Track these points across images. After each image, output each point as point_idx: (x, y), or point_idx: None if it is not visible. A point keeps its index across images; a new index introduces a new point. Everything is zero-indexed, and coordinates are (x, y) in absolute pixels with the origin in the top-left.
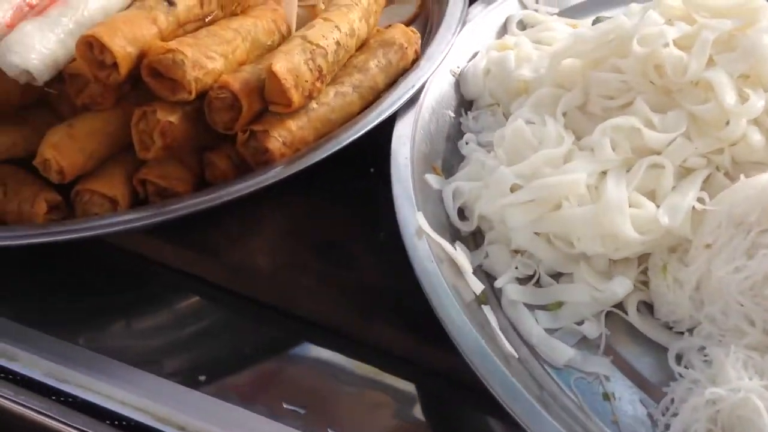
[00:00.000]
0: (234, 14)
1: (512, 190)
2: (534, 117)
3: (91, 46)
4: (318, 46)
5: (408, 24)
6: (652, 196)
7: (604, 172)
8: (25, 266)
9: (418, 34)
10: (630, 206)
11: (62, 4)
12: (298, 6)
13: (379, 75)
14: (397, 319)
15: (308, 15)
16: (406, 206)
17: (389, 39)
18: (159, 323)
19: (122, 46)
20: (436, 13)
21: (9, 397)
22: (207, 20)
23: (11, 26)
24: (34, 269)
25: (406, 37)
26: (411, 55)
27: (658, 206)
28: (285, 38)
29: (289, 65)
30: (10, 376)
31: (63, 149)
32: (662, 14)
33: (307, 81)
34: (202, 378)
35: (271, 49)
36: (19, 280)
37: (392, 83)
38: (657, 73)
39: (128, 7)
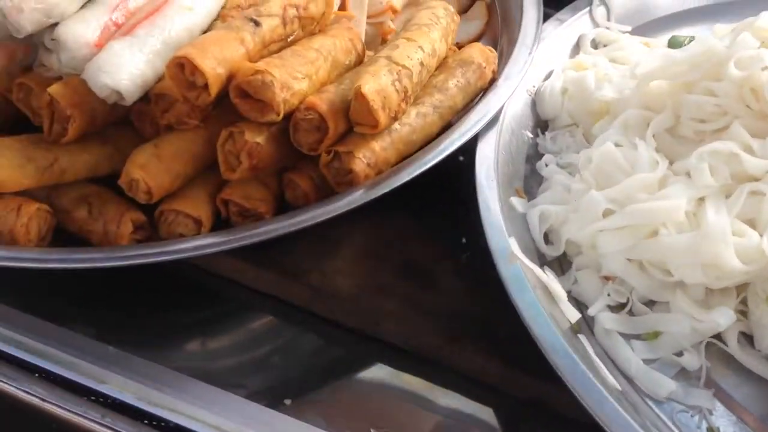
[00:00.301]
0: (312, 33)
1: (604, 215)
2: (622, 139)
3: (182, 66)
4: (404, 67)
5: (475, 41)
6: (751, 224)
7: (702, 199)
8: (106, 283)
9: (495, 54)
10: (732, 234)
11: (149, 24)
12: (366, 23)
13: (458, 95)
14: (485, 345)
15: (375, 32)
16: (495, 231)
17: (467, 58)
18: (238, 343)
19: (213, 67)
20: (505, 30)
21: (96, 419)
22: (289, 40)
23: (100, 45)
24: (114, 286)
25: (484, 56)
26: (489, 74)
27: (760, 235)
28: (360, 57)
29: (377, 87)
30: (101, 399)
31: (150, 169)
32: (755, 36)
33: (393, 102)
34: (288, 402)
35: (349, 68)
36: (100, 296)
37: (469, 102)
38: (754, 97)
39: (211, 25)
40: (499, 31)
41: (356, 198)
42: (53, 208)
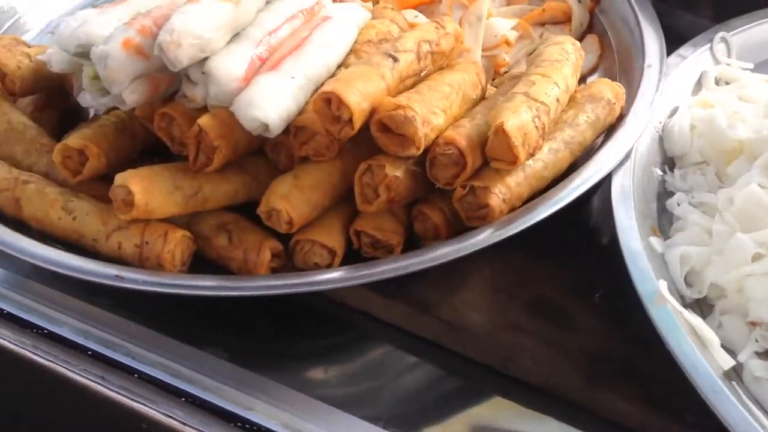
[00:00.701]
0: (441, 67)
1: (753, 259)
2: (765, 181)
3: (328, 101)
4: (542, 103)
5: (587, 75)
6: None
7: None
8: (239, 309)
9: (624, 90)
10: None
11: (293, 59)
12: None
13: (588, 130)
14: (627, 386)
15: (489, 64)
16: (641, 272)
17: (597, 94)
18: (361, 371)
19: (358, 102)
20: (623, 65)
21: None
22: (422, 74)
23: (246, 80)
24: (244, 312)
25: (614, 92)
26: (617, 110)
27: None
28: (484, 90)
29: (518, 123)
30: (247, 426)
31: (292, 200)
32: None
33: (533, 139)
34: None
35: (476, 102)
36: (231, 321)
37: (597, 138)
38: None
39: (345, 59)
40: (615, 66)
41: (491, 236)
42: (193, 234)
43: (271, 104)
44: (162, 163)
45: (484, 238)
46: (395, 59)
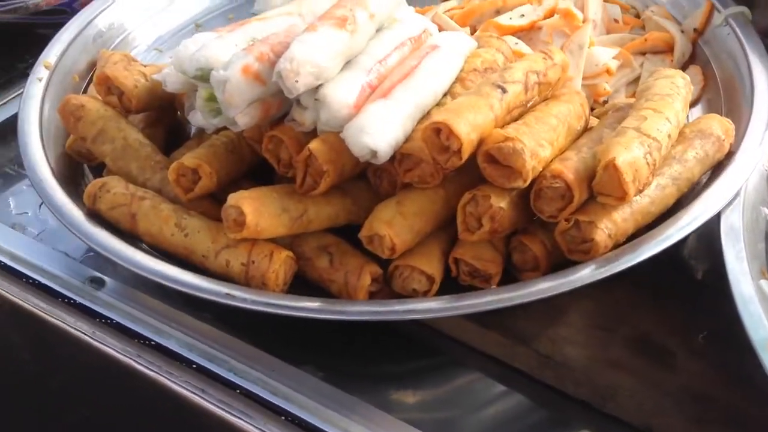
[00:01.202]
0: (546, 98)
1: None
2: None
3: (438, 131)
4: (654, 139)
5: (691, 106)
6: None
7: None
8: (334, 328)
9: (733, 126)
10: None
11: (403, 88)
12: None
13: (696, 167)
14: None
15: (589, 93)
16: (753, 319)
17: (706, 129)
18: (454, 398)
19: (468, 133)
20: (729, 99)
21: None
22: (528, 105)
23: (357, 107)
24: (342, 332)
25: (723, 128)
26: (727, 147)
27: None
28: (587, 121)
29: (630, 159)
30: None
31: (395, 227)
32: None
33: (643, 176)
34: None
35: (579, 133)
36: (324, 341)
37: (704, 174)
38: None
39: (451, 87)
40: (720, 99)
41: (595, 272)
42: (296, 254)
43: (381, 132)
44: (266, 183)
45: (588, 274)
46: (504, 90)
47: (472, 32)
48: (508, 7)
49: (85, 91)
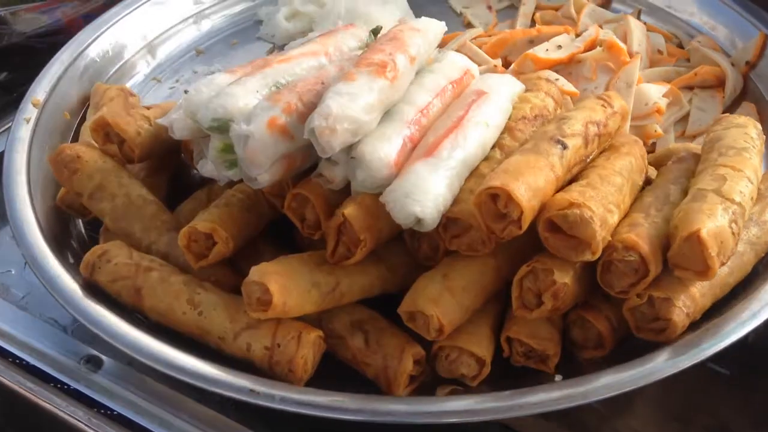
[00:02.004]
0: (604, 149)
1: None
2: None
3: (494, 196)
4: (738, 204)
5: None
6: None
7: None
8: None
9: None
10: None
11: (450, 143)
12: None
13: None
14: None
15: (639, 135)
16: None
17: None
18: None
19: (529, 199)
20: None
21: None
22: (588, 160)
23: (398, 165)
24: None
25: None
26: None
27: None
28: (647, 174)
29: (715, 230)
30: None
31: (443, 305)
32: None
33: (728, 248)
34: None
35: (640, 188)
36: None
37: None
38: None
39: (500, 138)
40: None
41: (673, 362)
42: (324, 331)
43: (428, 197)
44: (284, 240)
45: (668, 364)
46: (564, 145)
47: (504, 63)
48: (542, 37)
49: (78, 129)
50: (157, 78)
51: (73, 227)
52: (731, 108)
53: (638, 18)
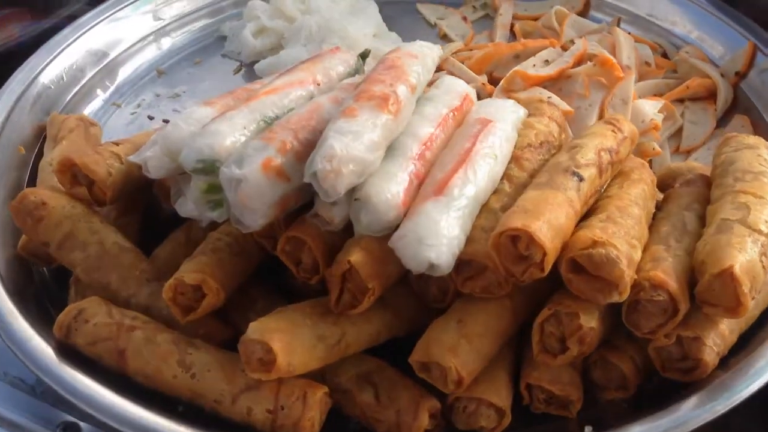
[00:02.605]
0: (615, 177)
1: None
2: None
3: (514, 238)
4: (767, 235)
5: None
6: None
7: None
8: None
9: None
10: None
11: (461, 180)
12: None
13: None
14: None
15: (638, 153)
16: None
17: None
18: None
19: (551, 239)
20: None
21: None
22: (602, 190)
23: (405, 204)
24: None
25: None
26: None
27: None
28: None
29: (747, 265)
30: None
31: (461, 354)
32: None
33: (759, 282)
34: None
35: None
36: None
37: None
38: None
39: (507, 169)
40: None
41: (708, 408)
42: (329, 386)
43: (444, 241)
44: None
45: (701, 410)
46: (580, 177)
47: (490, 80)
48: (528, 52)
49: (35, 164)
50: (116, 103)
51: (36, 275)
52: (723, 120)
53: (618, 26)
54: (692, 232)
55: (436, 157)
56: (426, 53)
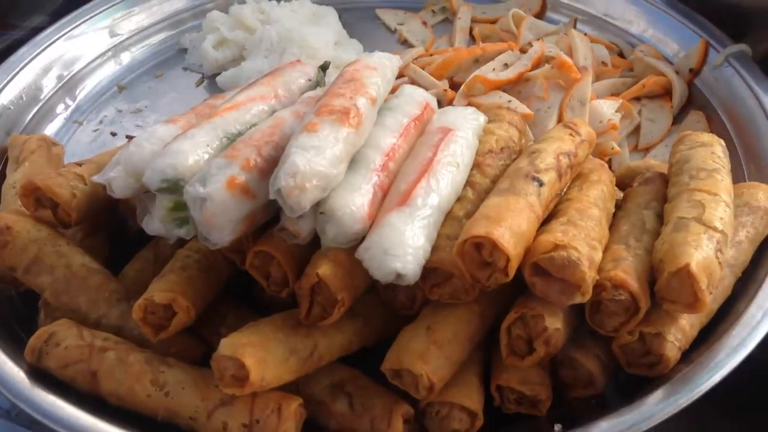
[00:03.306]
0: (574, 179)
1: None
2: None
3: (478, 245)
4: (721, 232)
5: None
6: None
7: None
8: None
9: None
10: None
11: (424, 189)
12: None
13: (749, 248)
14: None
15: (597, 154)
16: None
17: (752, 202)
18: None
19: (514, 246)
20: (747, 146)
21: None
22: (562, 193)
23: (371, 216)
24: None
25: None
26: None
27: None
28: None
29: (703, 262)
30: None
31: (431, 361)
32: None
33: (716, 278)
34: None
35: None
36: None
37: None
38: None
39: (470, 176)
40: (737, 151)
41: (670, 403)
42: (303, 397)
43: (409, 251)
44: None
45: (664, 404)
46: (540, 182)
47: (451, 84)
48: (487, 56)
49: None
50: (78, 120)
51: (4, 298)
52: (679, 116)
53: (575, 27)
54: (651, 231)
55: (399, 167)
56: (385, 64)
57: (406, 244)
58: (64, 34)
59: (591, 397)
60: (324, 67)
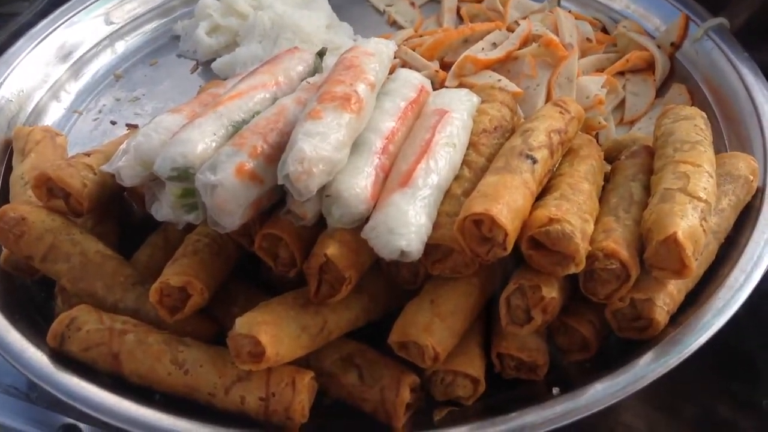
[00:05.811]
0: (564, 155)
1: None
2: None
3: (478, 222)
4: (705, 201)
5: None
6: None
7: None
8: None
9: (758, 164)
10: None
11: (423, 170)
12: None
13: (731, 215)
14: None
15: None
16: None
17: (734, 171)
18: None
19: (511, 221)
20: (727, 117)
21: None
22: (554, 169)
23: (374, 197)
24: None
25: (750, 168)
26: (754, 187)
27: None
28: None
29: (689, 230)
30: None
31: (436, 333)
32: None
33: (701, 245)
34: None
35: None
36: None
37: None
38: None
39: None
40: (718, 122)
41: (660, 363)
42: (314, 370)
43: (412, 229)
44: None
45: (655, 365)
46: (533, 159)
47: (442, 66)
48: (476, 36)
49: (6, 179)
50: (77, 110)
51: (20, 286)
52: (662, 89)
53: (559, 4)
54: (639, 202)
55: (398, 149)
56: (382, 50)
57: (409, 223)
58: (60, 25)
59: (586, 361)
60: (321, 54)
